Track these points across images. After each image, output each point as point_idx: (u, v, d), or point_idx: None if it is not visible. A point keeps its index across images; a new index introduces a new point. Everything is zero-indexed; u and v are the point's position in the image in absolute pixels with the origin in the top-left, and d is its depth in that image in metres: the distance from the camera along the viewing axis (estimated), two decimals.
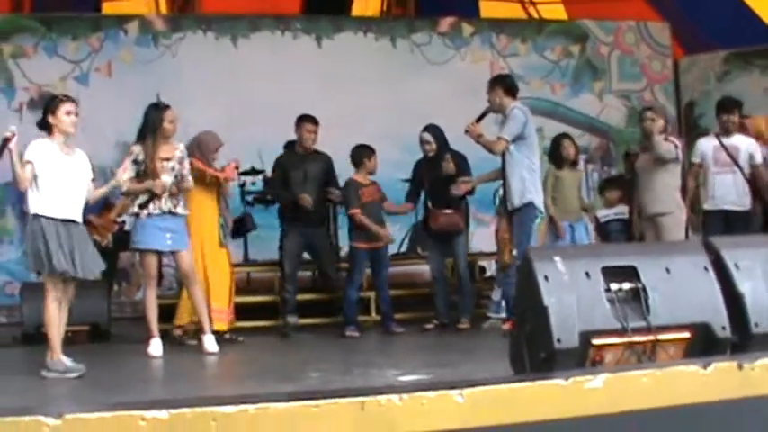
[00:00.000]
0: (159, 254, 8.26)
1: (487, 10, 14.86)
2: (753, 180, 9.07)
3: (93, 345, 9.07)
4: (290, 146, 10.33)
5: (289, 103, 11.04)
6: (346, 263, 10.87)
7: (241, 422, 3.20)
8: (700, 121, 13.33)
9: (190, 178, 8.33)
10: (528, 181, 8.43)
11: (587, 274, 4.29)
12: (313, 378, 6.13)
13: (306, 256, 9.87)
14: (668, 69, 14.19)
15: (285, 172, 9.75)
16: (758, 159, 9.11)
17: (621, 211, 9.63)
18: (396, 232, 11.72)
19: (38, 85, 12.57)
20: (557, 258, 4.31)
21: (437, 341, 8.63)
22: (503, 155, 8.52)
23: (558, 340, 4.11)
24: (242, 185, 11.29)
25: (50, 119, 7.13)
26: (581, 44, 13.99)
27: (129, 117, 12.18)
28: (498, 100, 8.72)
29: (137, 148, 8.30)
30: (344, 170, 11.20)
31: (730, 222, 8.81)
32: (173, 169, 8.19)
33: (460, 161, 9.64)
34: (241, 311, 9.37)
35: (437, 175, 9.58)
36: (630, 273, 4.36)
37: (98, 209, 10.60)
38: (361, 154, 9.77)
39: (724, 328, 4.35)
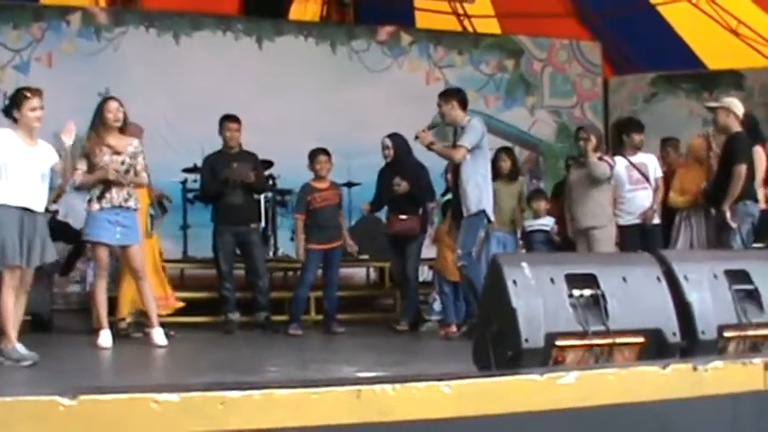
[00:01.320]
0: (109, 246, 8.33)
1: (423, 21, 15.18)
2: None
3: (36, 335, 9.10)
4: None
5: (229, 103, 11.17)
6: (284, 263, 11.13)
7: (247, 406, 3.41)
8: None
9: (144, 174, 8.44)
10: (482, 189, 8.70)
11: (552, 279, 4.58)
12: (272, 372, 6.31)
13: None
14: (598, 87, 14.69)
15: (213, 171, 9.84)
16: (659, 174, 9.59)
17: (545, 222, 9.99)
18: None
19: None
20: (524, 264, 4.60)
21: (380, 341, 8.86)
22: (458, 163, 8.76)
23: (526, 340, 4.39)
24: (183, 182, 11.41)
25: (15, 113, 7.21)
26: (515, 59, 14.40)
27: (69, 108, 12.18)
28: (453, 112, 8.92)
29: (87, 143, 8.39)
30: (282, 171, 11.49)
31: (646, 235, 9.25)
32: (123, 163, 8.29)
33: (420, 171, 9.90)
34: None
35: (392, 185, 9.83)
36: (591, 280, 4.66)
37: None
38: (309, 158, 9.96)
39: (674, 334, 4.68)
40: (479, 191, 8.68)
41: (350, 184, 11.86)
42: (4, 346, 7.02)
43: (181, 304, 9.36)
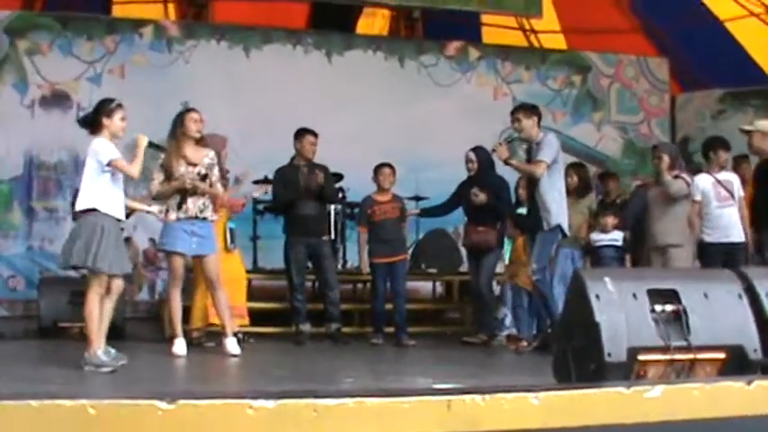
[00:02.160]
0: (184, 256, 8.45)
1: (490, 36, 15.23)
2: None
3: (109, 343, 9.23)
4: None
5: (298, 116, 11.29)
6: (353, 275, 11.22)
7: (340, 414, 3.49)
8: (694, 157, 13.69)
9: (219, 185, 8.57)
10: (560, 204, 8.80)
11: (634, 295, 4.62)
12: (347, 383, 6.38)
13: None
14: (665, 104, 14.65)
15: (285, 183, 9.93)
16: (742, 193, 9.55)
17: (615, 237, 9.96)
18: None
19: (50, 83, 12.86)
20: (606, 279, 4.64)
21: (452, 354, 8.92)
22: (534, 179, 8.84)
23: (609, 354, 4.43)
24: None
25: (104, 120, 7.35)
26: (582, 75, 14.42)
27: (142, 119, 12.42)
28: (534, 128, 9.02)
29: (163, 154, 8.53)
30: (351, 184, 11.58)
31: (732, 254, 9.18)
32: (198, 174, 8.43)
33: (501, 185, 9.97)
34: (251, 317, 9.66)
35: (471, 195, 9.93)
36: (672, 296, 4.70)
37: None
38: (375, 170, 10.09)
39: (755, 350, 4.70)
40: (557, 205, 8.77)
41: (417, 198, 11.89)
42: (87, 353, 7.14)
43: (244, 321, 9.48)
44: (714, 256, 9.12)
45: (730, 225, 9.30)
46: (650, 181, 10.26)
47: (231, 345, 8.30)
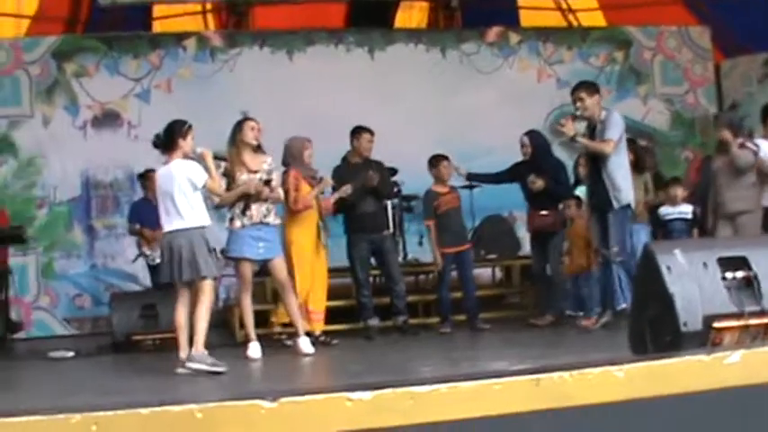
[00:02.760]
0: (252, 262, 8.64)
1: (527, 19, 15.25)
2: None
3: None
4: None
5: (345, 114, 11.46)
6: (413, 267, 11.36)
7: (435, 400, 3.63)
8: (744, 122, 13.69)
9: (279, 190, 8.75)
10: (628, 182, 8.90)
11: (705, 264, 4.73)
12: (426, 372, 6.52)
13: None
14: (709, 72, 14.58)
15: (344, 182, 10.05)
16: None
17: (684, 210, 9.99)
18: None
19: (100, 103, 13.06)
20: (677, 251, 4.75)
21: (521, 337, 9.07)
22: (601, 157, 8.92)
23: (685, 324, 4.55)
24: None
25: (180, 141, 7.64)
26: (624, 50, 14.41)
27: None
28: (597, 107, 9.13)
29: (224, 162, 8.72)
30: (403, 177, 11.70)
31: None
32: (261, 180, 8.62)
33: (558, 168, 10.09)
34: None
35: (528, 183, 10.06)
36: (742, 263, 4.80)
37: (153, 223, 10.97)
38: (430, 164, 10.25)
39: None
40: (626, 183, 8.87)
41: (470, 187, 11.99)
42: (187, 356, 7.50)
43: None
44: None
45: None
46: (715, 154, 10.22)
47: (304, 344, 8.49)
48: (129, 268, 12.50)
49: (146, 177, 11.34)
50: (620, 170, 8.86)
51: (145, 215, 11.15)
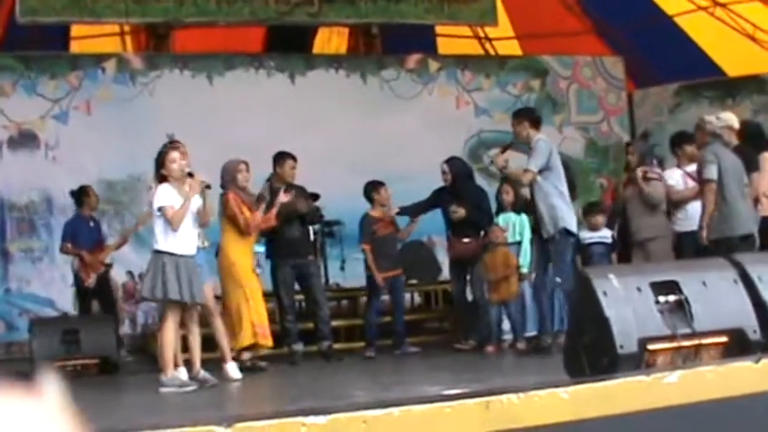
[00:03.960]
0: None
1: (445, 47, 15.49)
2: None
3: (104, 377, 9.38)
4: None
5: (266, 139, 11.51)
6: (335, 292, 11.41)
7: (388, 423, 3.69)
8: (654, 150, 14.06)
9: (209, 216, 8.74)
10: (559, 208, 8.90)
11: (638, 288, 4.88)
12: (360, 396, 6.54)
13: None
14: (623, 102, 14.97)
15: (268, 207, 10.08)
16: None
17: (604, 235, 10.23)
18: None
19: (17, 123, 12.80)
20: (611, 276, 4.89)
21: (448, 361, 9.15)
22: (531, 186, 9.01)
23: (621, 347, 4.68)
24: None
25: (162, 171, 7.90)
26: (541, 79, 14.69)
27: (110, 154, 12.71)
28: (525, 132, 9.11)
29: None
30: (324, 202, 11.74)
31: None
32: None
33: (480, 195, 10.23)
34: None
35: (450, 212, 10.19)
36: (674, 286, 4.96)
37: (91, 246, 10.88)
38: (369, 189, 10.38)
39: (755, 331, 4.97)
40: (555, 211, 8.89)
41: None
42: (164, 376, 7.70)
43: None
44: (687, 245, 9.43)
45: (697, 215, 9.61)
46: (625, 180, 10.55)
47: (232, 369, 8.48)
48: (45, 293, 12.34)
49: (83, 193, 11.17)
50: (550, 197, 8.92)
51: (80, 234, 10.98)
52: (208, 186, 8.24)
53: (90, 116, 13.06)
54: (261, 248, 9.76)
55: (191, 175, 8.06)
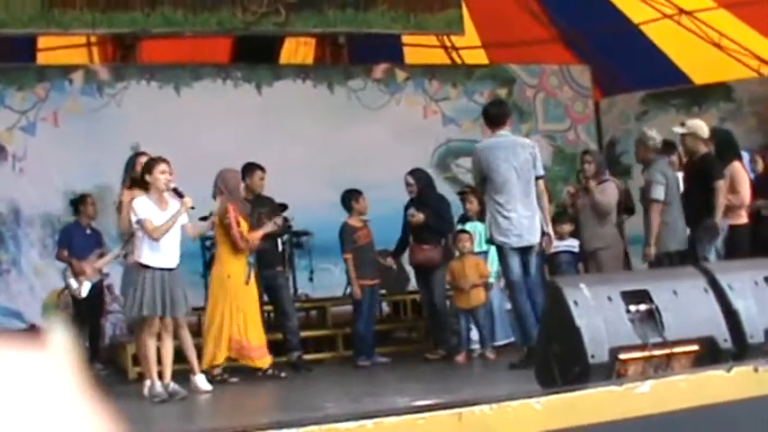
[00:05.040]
0: None
1: (412, 56, 15.51)
2: None
3: None
4: None
5: (233, 149, 11.46)
6: (304, 303, 11.38)
7: None
8: (621, 158, 14.15)
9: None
10: (495, 219, 8.67)
11: (609, 298, 4.89)
12: (330, 408, 6.54)
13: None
14: (589, 110, 15.02)
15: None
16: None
17: (571, 243, 10.27)
18: (340, 273, 12.24)
19: None
20: (582, 285, 4.90)
21: (418, 372, 9.14)
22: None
23: (592, 356, 4.69)
24: None
25: (147, 177, 7.90)
26: (508, 87, 14.71)
27: (77, 165, 12.63)
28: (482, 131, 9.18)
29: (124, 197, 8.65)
30: (292, 213, 11.72)
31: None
32: None
33: (440, 203, 10.23)
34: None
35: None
36: (644, 296, 4.98)
37: (86, 254, 10.71)
38: (348, 197, 10.39)
39: (726, 340, 5.00)
40: (491, 221, 8.72)
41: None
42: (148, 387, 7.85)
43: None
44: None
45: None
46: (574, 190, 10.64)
47: (201, 381, 8.44)
48: (13, 305, 12.22)
49: (80, 202, 11.12)
50: (487, 209, 8.80)
51: (75, 241, 10.88)
52: (192, 207, 8.25)
53: (57, 128, 12.95)
54: (251, 260, 9.69)
55: (180, 194, 8.06)
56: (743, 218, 9.16)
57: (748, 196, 9.24)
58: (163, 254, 7.89)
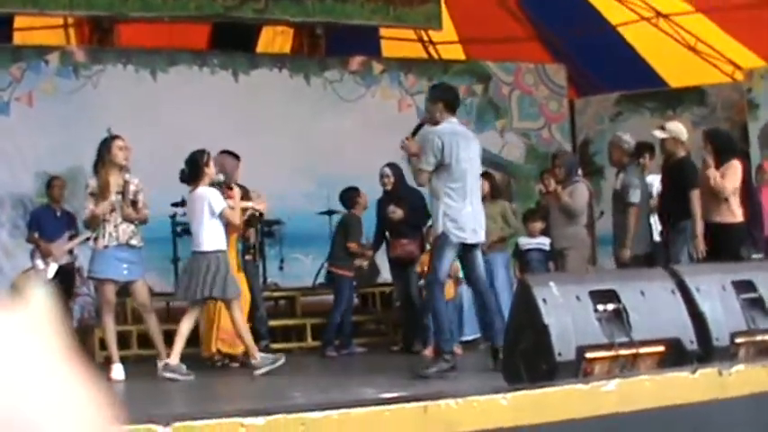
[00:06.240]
0: (115, 283, 8.54)
1: (389, 49, 15.52)
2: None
3: None
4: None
5: (208, 137, 11.37)
6: (274, 291, 11.39)
7: (327, 426, 3.69)
8: (595, 158, 14.22)
9: (146, 211, 8.70)
10: (446, 211, 7.90)
11: (578, 297, 4.93)
12: (298, 397, 6.55)
13: None
14: (564, 109, 15.07)
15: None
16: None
17: (542, 241, 10.32)
18: (311, 263, 12.28)
19: None
20: (552, 284, 4.93)
21: (386, 364, 9.17)
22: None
23: (559, 354, 4.72)
24: (172, 216, 11.56)
25: (205, 169, 8.91)
26: (484, 84, 14.75)
27: (51, 147, 12.58)
28: (438, 114, 8.18)
29: (92, 182, 8.61)
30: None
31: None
32: (123, 201, 8.55)
33: (416, 197, 10.22)
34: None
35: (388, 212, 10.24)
36: (612, 296, 5.02)
37: (55, 237, 10.66)
38: (352, 195, 10.68)
39: (692, 342, 5.05)
40: (439, 212, 7.93)
41: (330, 212, 12.12)
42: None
43: None
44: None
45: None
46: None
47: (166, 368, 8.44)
48: None
49: (50, 185, 11.18)
50: (437, 199, 7.97)
51: (44, 223, 10.87)
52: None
53: (32, 108, 12.86)
54: (241, 246, 9.71)
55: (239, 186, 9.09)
56: (734, 216, 8.94)
57: (734, 189, 9.05)
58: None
